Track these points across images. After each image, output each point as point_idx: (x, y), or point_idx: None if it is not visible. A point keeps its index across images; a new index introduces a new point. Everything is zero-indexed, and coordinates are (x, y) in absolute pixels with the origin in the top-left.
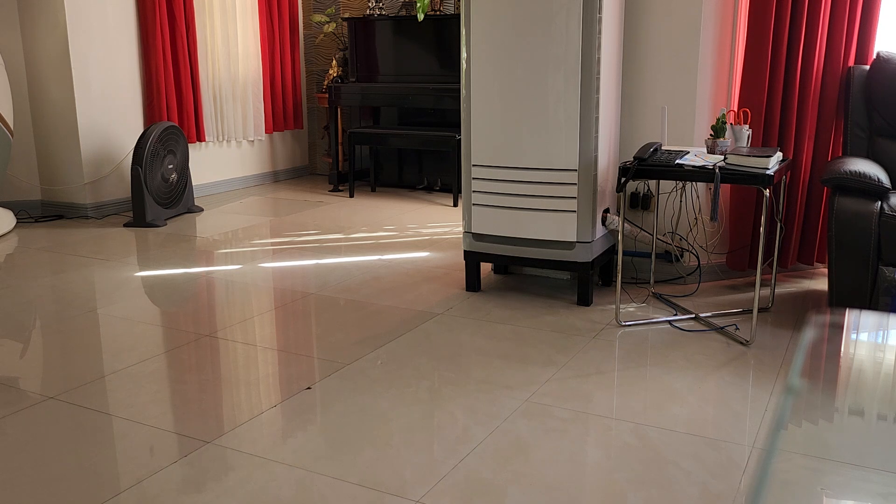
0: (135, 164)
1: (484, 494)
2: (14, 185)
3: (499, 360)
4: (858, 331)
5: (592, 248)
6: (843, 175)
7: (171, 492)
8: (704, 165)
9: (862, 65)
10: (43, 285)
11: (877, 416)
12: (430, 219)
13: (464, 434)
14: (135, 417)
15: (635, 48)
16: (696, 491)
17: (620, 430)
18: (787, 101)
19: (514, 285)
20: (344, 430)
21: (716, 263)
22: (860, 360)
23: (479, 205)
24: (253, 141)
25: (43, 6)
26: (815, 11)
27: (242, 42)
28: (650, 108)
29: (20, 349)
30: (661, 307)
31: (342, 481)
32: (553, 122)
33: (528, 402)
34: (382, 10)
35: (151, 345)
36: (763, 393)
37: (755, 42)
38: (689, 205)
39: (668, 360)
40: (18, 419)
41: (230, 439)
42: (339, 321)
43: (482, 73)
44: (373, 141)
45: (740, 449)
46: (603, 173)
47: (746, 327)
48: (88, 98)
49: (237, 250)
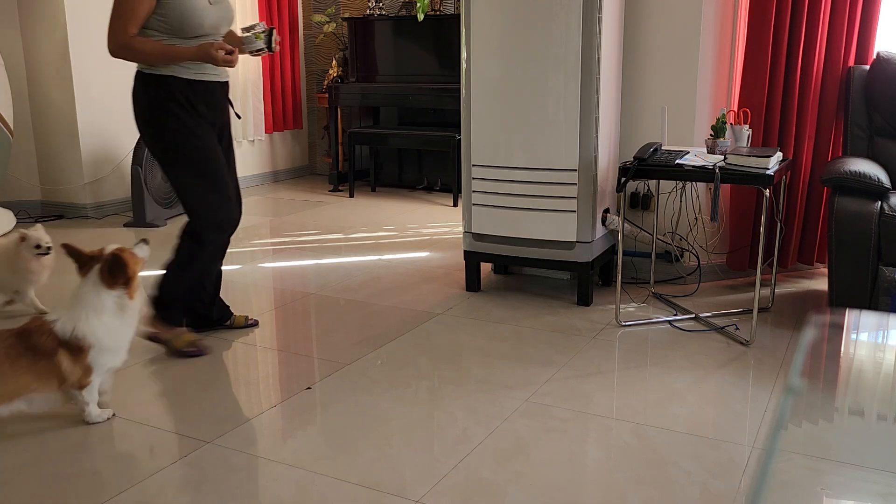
0: (135, 164)
1: (484, 494)
2: (14, 185)
3: (499, 360)
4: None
5: (592, 248)
6: (843, 175)
7: (171, 492)
8: (704, 165)
9: (862, 65)
10: (43, 285)
11: (877, 416)
12: (430, 219)
13: (464, 434)
14: (135, 417)
15: (635, 48)
16: (696, 491)
17: (620, 430)
18: (787, 101)
19: (514, 285)
20: (344, 430)
21: (716, 263)
22: (860, 360)
23: (479, 205)
24: (253, 141)
25: (43, 6)
26: (815, 11)
27: None
28: (650, 108)
29: None
30: (661, 307)
31: (342, 481)
32: (553, 122)
33: (528, 402)
34: (382, 10)
35: (151, 345)
36: (763, 393)
37: (755, 42)
38: (689, 205)
39: (668, 360)
40: (18, 419)
41: (230, 439)
42: (339, 321)
43: (482, 73)
44: (373, 141)
45: (740, 449)
46: (603, 173)
47: (746, 327)
48: (88, 98)
49: (237, 250)
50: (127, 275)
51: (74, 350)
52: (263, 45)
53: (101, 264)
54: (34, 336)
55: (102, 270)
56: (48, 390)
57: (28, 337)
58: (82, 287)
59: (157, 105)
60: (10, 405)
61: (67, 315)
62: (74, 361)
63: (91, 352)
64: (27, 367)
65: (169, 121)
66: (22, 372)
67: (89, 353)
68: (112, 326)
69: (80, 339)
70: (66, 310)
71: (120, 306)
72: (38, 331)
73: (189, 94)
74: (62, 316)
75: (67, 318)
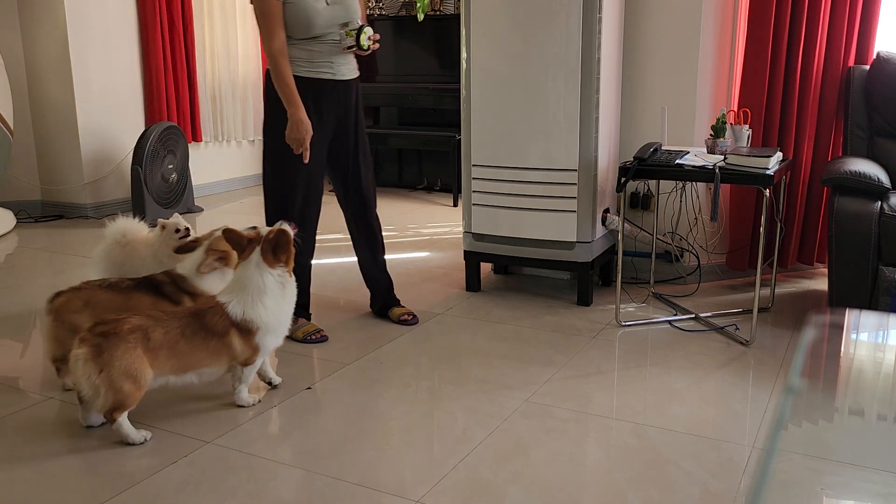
0: (135, 164)
1: (484, 494)
2: (14, 185)
3: (499, 360)
4: (858, 331)
5: (592, 248)
6: (843, 175)
7: (171, 492)
8: (704, 165)
9: (862, 65)
10: (43, 285)
11: (877, 416)
12: (430, 219)
13: (464, 434)
14: (135, 417)
15: (635, 48)
16: (696, 491)
17: (620, 430)
18: (787, 101)
19: (514, 285)
20: (344, 430)
21: (716, 263)
22: (860, 360)
23: (479, 205)
24: (253, 141)
25: (43, 6)
26: (815, 11)
27: (242, 42)
28: (650, 108)
29: (20, 349)
30: (661, 307)
31: (342, 481)
32: (553, 122)
33: (528, 402)
34: (382, 10)
35: None
36: (763, 393)
37: (755, 42)
38: (689, 205)
39: (668, 360)
40: (18, 419)
41: (230, 439)
42: (339, 321)
43: (482, 73)
44: (373, 141)
45: (740, 449)
46: (603, 173)
47: (746, 327)
48: (88, 98)
49: None
50: (289, 251)
51: (244, 331)
52: (353, 42)
53: (262, 244)
54: (208, 316)
55: (265, 250)
56: (218, 367)
57: (202, 317)
58: (245, 270)
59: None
60: (183, 377)
61: (237, 298)
62: (244, 342)
63: (259, 333)
64: (201, 344)
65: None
66: (197, 348)
67: (257, 335)
68: (276, 307)
69: (249, 322)
70: (234, 293)
71: (281, 284)
72: (211, 311)
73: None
74: (232, 299)
75: (237, 301)
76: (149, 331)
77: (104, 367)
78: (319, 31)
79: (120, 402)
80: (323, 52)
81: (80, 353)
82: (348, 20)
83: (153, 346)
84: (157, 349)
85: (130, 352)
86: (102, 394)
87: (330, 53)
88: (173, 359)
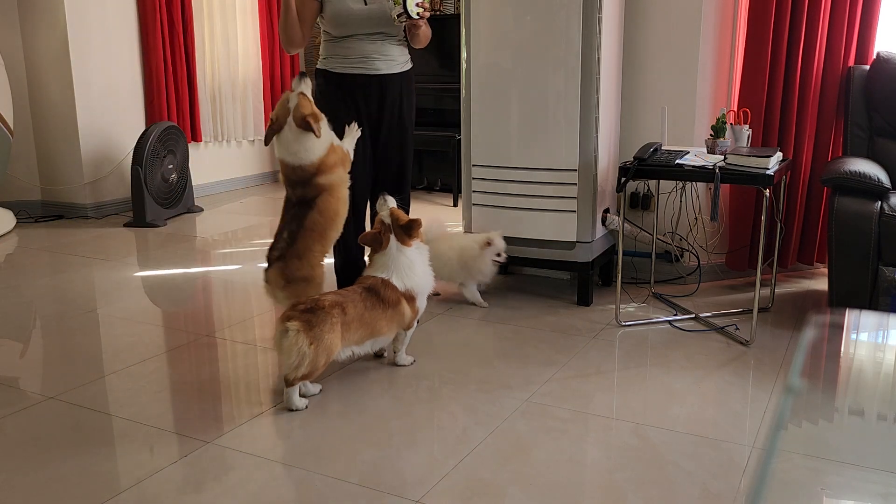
0: (135, 163)
1: (484, 494)
2: (14, 185)
3: (499, 360)
4: (858, 331)
5: (592, 248)
6: (843, 175)
7: (171, 492)
8: (704, 165)
9: (862, 65)
10: (43, 285)
11: (877, 416)
12: (430, 219)
13: (464, 434)
14: (135, 417)
15: (635, 48)
16: (696, 491)
17: (620, 430)
18: (787, 101)
19: (514, 285)
20: (344, 430)
21: (716, 263)
22: (860, 360)
23: (479, 205)
24: (253, 141)
25: (43, 6)
26: (815, 11)
27: (242, 42)
28: (650, 108)
29: (20, 349)
30: (661, 307)
31: (342, 481)
32: (553, 122)
33: (528, 402)
34: None
35: (151, 345)
36: (763, 393)
37: (755, 42)
38: (689, 205)
39: (668, 360)
40: (18, 419)
41: (230, 439)
42: None
43: (482, 74)
44: None
45: (740, 449)
46: (603, 173)
47: (746, 327)
48: (88, 98)
49: (237, 250)
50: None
51: (409, 299)
52: (402, 9)
53: (393, 233)
54: (382, 290)
55: (399, 236)
56: (391, 333)
57: (376, 291)
58: (390, 253)
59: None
60: (363, 346)
61: (396, 274)
62: (411, 307)
63: (419, 298)
64: (381, 315)
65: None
66: (378, 318)
67: (418, 299)
68: (424, 272)
69: (411, 290)
70: (389, 270)
71: (420, 251)
72: (382, 286)
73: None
74: (392, 275)
75: (397, 276)
76: (345, 307)
77: (314, 341)
78: (353, 29)
79: (312, 373)
80: (358, 49)
81: (294, 325)
82: (388, 16)
83: (347, 319)
84: (350, 323)
85: (335, 327)
86: (306, 364)
87: (366, 50)
88: (361, 330)
